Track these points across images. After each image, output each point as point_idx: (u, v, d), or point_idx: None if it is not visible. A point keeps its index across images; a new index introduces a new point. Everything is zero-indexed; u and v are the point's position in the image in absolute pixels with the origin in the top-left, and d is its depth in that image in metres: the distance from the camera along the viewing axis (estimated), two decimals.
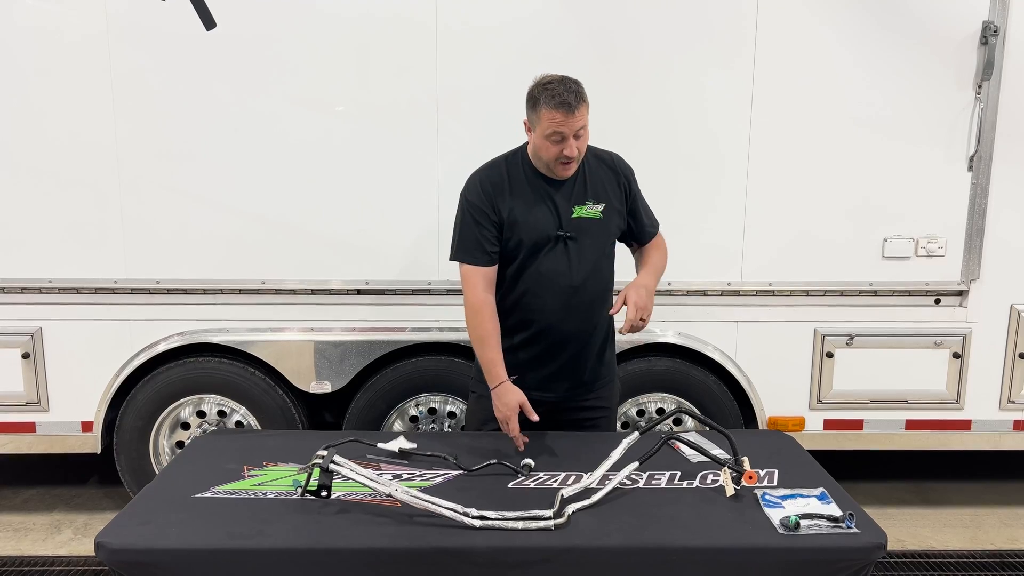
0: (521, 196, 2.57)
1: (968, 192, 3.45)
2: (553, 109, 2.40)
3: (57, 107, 3.32)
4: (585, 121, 2.45)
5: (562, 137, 2.43)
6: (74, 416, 3.54)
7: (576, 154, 2.47)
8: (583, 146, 2.50)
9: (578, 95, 2.42)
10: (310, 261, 3.45)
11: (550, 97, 2.41)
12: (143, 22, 3.26)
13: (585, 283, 2.60)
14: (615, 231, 2.68)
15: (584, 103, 2.44)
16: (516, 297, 2.62)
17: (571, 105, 2.39)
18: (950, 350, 3.56)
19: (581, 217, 2.58)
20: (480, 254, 2.57)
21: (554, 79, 2.47)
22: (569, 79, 2.47)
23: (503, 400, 2.50)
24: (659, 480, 2.27)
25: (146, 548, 1.91)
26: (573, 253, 2.58)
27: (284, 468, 2.35)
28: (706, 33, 3.34)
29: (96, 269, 3.43)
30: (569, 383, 2.69)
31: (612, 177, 2.66)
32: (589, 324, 2.65)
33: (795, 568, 1.94)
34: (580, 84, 2.47)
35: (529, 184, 2.58)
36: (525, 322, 2.63)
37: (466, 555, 1.92)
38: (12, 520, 3.82)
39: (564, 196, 2.58)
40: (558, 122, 2.41)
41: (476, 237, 2.57)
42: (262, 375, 3.52)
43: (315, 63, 3.32)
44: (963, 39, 3.34)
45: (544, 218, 2.56)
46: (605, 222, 2.62)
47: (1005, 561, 3.47)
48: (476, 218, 2.57)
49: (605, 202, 2.61)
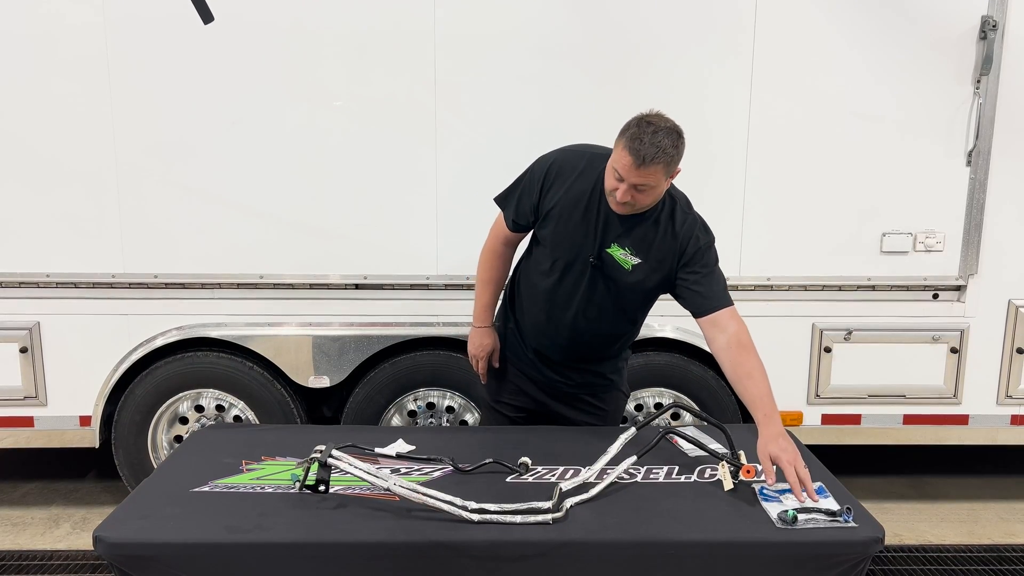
0: (575, 199, 2.43)
1: (966, 187, 3.45)
2: (625, 150, 2.21)
3: (54, 101, 3.31)
4: (653, 181, 2.24)
5: (620, 178, 2.26)
6: (72, 410, 3.54)
7: (629, 200, 2.28)
8: (643, 200, 2.30)
9: (660, 153, 2.18)
10: (308, 255, 3.44)
11: (631, 138, 2.21)
12: (140, 15, 3.25)
13: (587, 315, 2.53)
14: (638, 291, 2.50)
15: (661, 165, 2.20)
16: (533, 285, 2.62)
17: (641, 159, 2.18)
18: (948, 345, 3.57)
19: (612, 256, 2.43)
20: (508, 214, 2.61)
21: (654, 122, 2.23)
22: (669, 133, 2.22)
23: (479, 340, 2.77)
24: (657, 474, 2.27)
25: (144, 542, 1.91)
26: (588, 282, 2.48)
27: (282, 462, 2.35)
28: (705, 26, 3.33)
29: (94, 263, 3.42)
30: (567, 381, 2.72)
31: (670, 242, 2.43)
32: (583, 352, 2.67)
33: (793, 562, 1.94)
34: (674, 143, 2.22)
35: (591, 195, 2.42)
36: (533, 312, 2.65)
37: (464, 549, 1.92)
38: (10, 514, 3.82)
39: (612, 227, 2.42)
40: (623, 164, 2.23)
41: (516, 200, 2.58)
42: (260, 369, 3.52)
43: (313, 57, 3.31)
44: (962, 34, 3.34)
45: (580, 234, 2.44)
46: (630, 276, 2.44)
47: (1002, 555, 3.47)
48: (525, 187, 2.56)
49: (643, 259, 2.43)
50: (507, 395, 2.82)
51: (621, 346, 2.75)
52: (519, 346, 2.75)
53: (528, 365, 2.74)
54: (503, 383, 2.82)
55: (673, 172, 2.32)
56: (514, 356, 2.78)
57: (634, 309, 2.60)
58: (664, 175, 2.26)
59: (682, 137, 2.27)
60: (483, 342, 2.77)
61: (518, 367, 2.77)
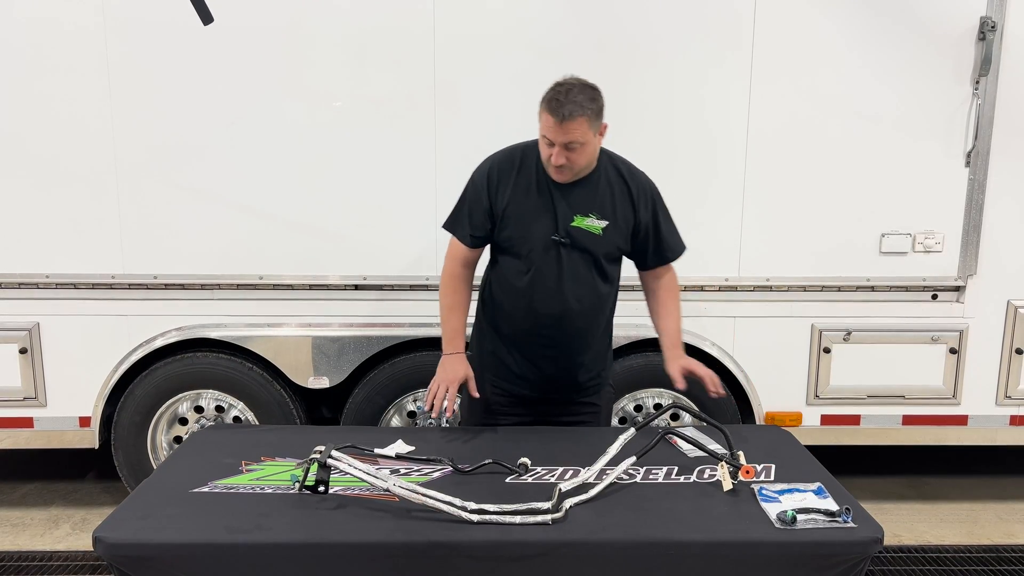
0: (523, 191, 2.52)
1: (965, 188, 3.45)
2: (546, 111, 2.35)
3: (54, 102, 3.31)
4: (579, 137, 2.34)
5: (550, 143, 2.37)
6: (72, 411, 3.54)
7: (563, 163, 2.39)
8: (577, 160, 2.40)
9: (577, 108, 2.31)
10: (308, 256, 3.44)
11: (548, 99, 2.35)
12: (140, 16, 3.26)
13: (576, 294, 2.55)
14: (614, 251, 2.58)
15: (582, 117, 2.32)
16: (508, 291, 2.61)
17: (562, 116, 2.30)
18: (947, 345, 3.57)
19: (580, 228, 2.50)
20: (464, 234, 2.61)
21: (567, 83, 2.36)
22: (581, 88, 2.35)
23: (452, 367, 2.56)
24: (656, 475, 2.28)
25: (144, 542, 1.91)
26: (566, 261, 2.52)
27: (282, 463, 2.35)
28: (704, 27, 3.33)
29: (93, 264, 3.42)
30: (560, 384, 2.69)
31: (627, 196, 2.56)
32: (580, 333, 2.62)
33: (792, 562, 1.94)
34: (591, 97, 2.36)
35: (536, 180, 2.52)
36: (514, 318, 2.63)
37: (464, 549, 1.92)
38: (10, 515, 3.82)
39: (568, 202, 2.50)
40: (547, 126, 2.36)
41: (466, 217, 2.60)
42: (260, 370, 3.52)
43: (313, 58, 3.31)
44: (961, 34, 3.34)
45: (540, 219, 2.51)
46: (604, 240, 2.53)
47: (1001, 556, 3.48)
48: (472, 200, 2.59)
49: (610, 220, 2.52)
50: (499, 417, 2.72)
51: (607, 320, 2.71)
52: (501, 367, 2.68)
53: (516, 382, 2.68)
54: (490, 407, 2.72)
55: (600, 128, 2.43)
56: (497, 378, 2.69)
57: (614, 271, 2.65)
58: (589, 129, 2.36)
59: (598, 91, 2.40)
60: (456, 369, 2.57)
61: (503, 388, 2.69)
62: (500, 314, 2.66)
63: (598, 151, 2.49)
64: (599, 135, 2.45)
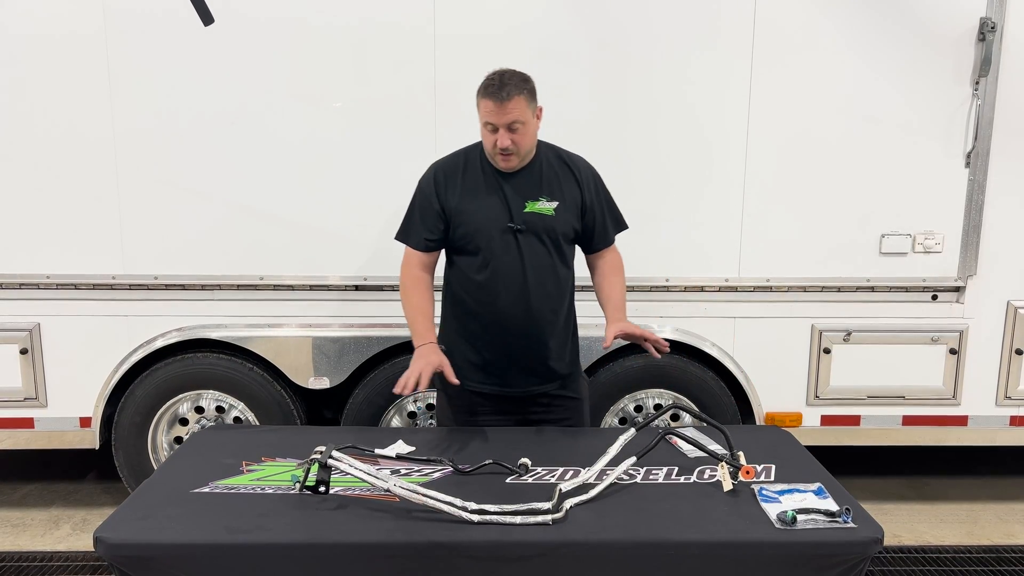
0: (472, 187, 2.61)
1: (965, 188, 3.46)
2: (485, 97, 2.45)
3: (54, 103, 3.32)
4: (520, 116, 2.45)
5: (494, 127, 2.47)
6: (72, 412, 3.54)
7: (509, 145, 2.47)
8: (521, 141, 2.50)
9: (514, 87, 2.43)
10: (308, 257, 3.45)
11: (485, 86, 2.46)
12: (141, 17, 3.26)
13: (538, 278, 2.61)
14: (569, 231, 2.66)
15: (520, 96, 2.44)
16: (471, 289, 2.65)
17: (501, 96, 2.41)
18: (947, 346, 3.57)
19: (533, 212, 2.59)
20: (417, 240, 2.67)
21: (499, 70, 2.49)
22: (513, 73, 2.48)
23: (425, 356, 2.51)
24: (656, 475, 2.28)
25: (145, 543, 1.91)
26: (525, 247, 2.59)
27: (282, 463, 2.35)
28: (704, 29, 3.34)
29: (94, 265, 3.43)
30: (529, 377, 2.70)
31: (571, 177, 2.66)
32: (545, 319, 2.66)
33: (792, 562, 1.94)
34: (524, 79, 2.48)
35: (483, 175, 2.61)
36: (481, 315, 2.65)
37: (464, 549, 1.92)
38: (10, 515, 3.83)
39: (517, 190, 2.59)
40: (489, 111, 2.45)
41: (418, 223, 2.66)
42: (260, 371, 3.52)
43: (313, 59, 3.31)
44: (960, 35, 3.35)
45: (493, 210, 2.59)
46: (557, 220, 2.61)
47: (1001, 556, 3.48)
48: (421, 205, 2.66)
49: (559, 200, 2.61)
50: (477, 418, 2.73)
51: (569, 305, 2.76)
52: (473, 368, 2.68)
53: (488, 380, 2.69)
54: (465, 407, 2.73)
55: (536, 110, 2.54)
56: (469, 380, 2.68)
57: (570, 253, 2.73)
58: (528, 107, 2.47)
59: (530, 76, 2.52)
60: (430, 357, 2.51)
61: (478, 388, 2.70)
62: (464, 312, 2.69)
63: (536, 136, 2.60)
64: (537, 117, 2.56)
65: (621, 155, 3.36)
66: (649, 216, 3.40)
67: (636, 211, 3.39)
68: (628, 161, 3.37)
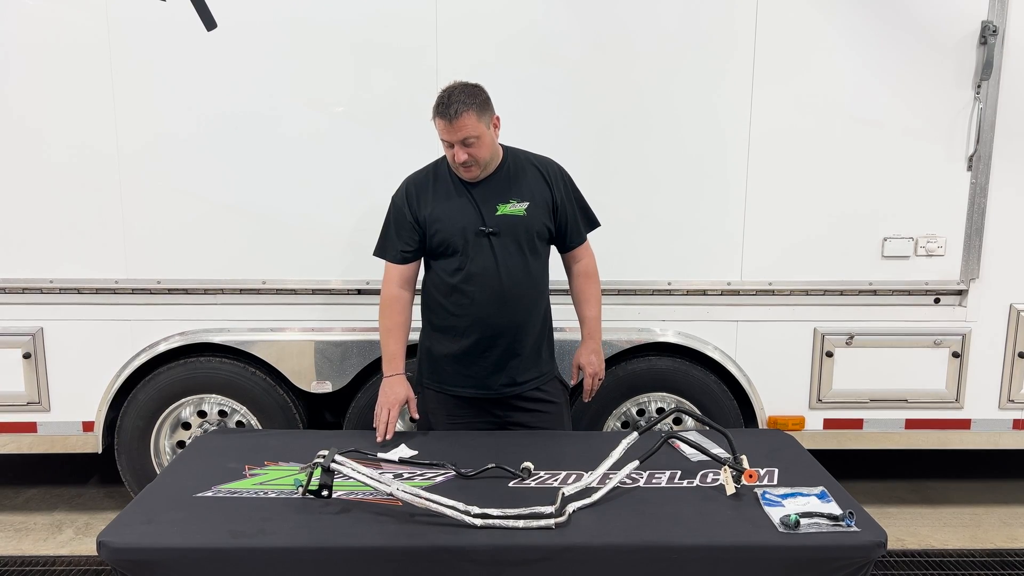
0: (443, 196, 2.68)
1: (967, 191, 3.45)
2: (436, 116, 2.54)
3: (58, 107, 3.32)
4: (472, 131, 2.50)
5: (450, 144, 2.54)
6: (75, 416, 3.54)
7: (466, 159, 2.54)
8: (478, 153, 2.56)
9: (461, 104, 2.48)
10: (311, 261, 3.45)
11: (435, 105, 2.54)
12: (144, 22, 3.27)
13: (513, 279, 2.66)
14: (543, 229, 2.72)
15: (468, 112, 2.49)
16: (447, 293, 2.70)
17: (450, 116, 2.48)
18: (950, 349, 3.56)
19: (505, 214, 2.65)
20: (395, 253, 2.73)
21: (449, 87, 2.54)
22: (462, 88, 2.53)
23: (392, 389, 2.67)
24: (659, 479, 2.28)
25: (148, 547, 1.92)
26: (499, 250, 2.64)
27: (285, 467, 2.35)
28: (706, 32, 3.34)
29: (97, 269, 3.43)
30: (505, 379, 2.74)
31: (540, 179, 2.72)
32: (520, 320, 2.72)
33: (795, 566, 1.94)
34: (472, 93, 2.53)
35: (453, 184, 2.68)
36: (457, 317, 2.70)
37: (467, 553, 1.92)
38: (13, 520, 3.83)
39: (486, 195, 2.65)
40: (441, 129, 2.54)
41: (394, 237, 2.72)
42: (263, 375, 3.52)
43: (316, 63, 3.32)
44: (962, 38, 3.35)
45: (465, 215, 2.65)
46: (530, 220, 2.67)
47: (1005, 560, 3.47)
48: (396, 219, 2.73)
49: (529, 200, 2.67)
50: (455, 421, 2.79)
51: (544, 308, 2.81)
52: (452, 373, 2.74)
53: (466, 383, 2.74)
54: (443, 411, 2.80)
55: (492, 120, 2.61)
56: (449, 385, 2.76)
57: (545, 253, 2.79)
58: (479, 121, 2.52)
59: (480, 87, 2.59)
60: (396, 391, 2.67)
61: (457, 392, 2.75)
62: (442, 316, 2.74)
63: (497, 144, 2.67)
64: (492, 127, 2.62)
65: (621, 157, 3.37)
66: (651, 219, 3.41)
67: (637, 214, 3.42)
68: (629, 163, 3.38)
